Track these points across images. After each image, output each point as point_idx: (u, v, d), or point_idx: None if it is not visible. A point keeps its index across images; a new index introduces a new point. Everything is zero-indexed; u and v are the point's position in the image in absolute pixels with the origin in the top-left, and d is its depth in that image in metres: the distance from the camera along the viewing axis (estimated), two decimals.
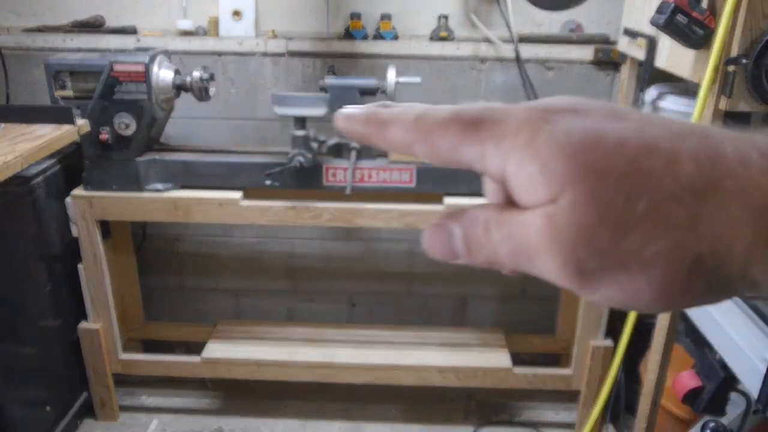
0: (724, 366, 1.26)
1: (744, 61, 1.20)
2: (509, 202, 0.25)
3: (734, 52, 1.21)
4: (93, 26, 2.05)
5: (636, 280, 0.22)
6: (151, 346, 2.32)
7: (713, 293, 0.23)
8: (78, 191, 1.82)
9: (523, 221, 0.24)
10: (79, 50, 2.03)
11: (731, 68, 1.22)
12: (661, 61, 1.53)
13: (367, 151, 1.79)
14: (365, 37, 2.02)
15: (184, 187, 1.84)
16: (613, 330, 1.88)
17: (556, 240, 0.22)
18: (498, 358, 2.03)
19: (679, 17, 1.25)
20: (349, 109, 0.28)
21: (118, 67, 1.69)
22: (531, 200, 0.23)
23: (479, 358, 2.03)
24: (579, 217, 0.22)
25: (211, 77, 1.78)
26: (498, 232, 0.25)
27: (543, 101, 0.25)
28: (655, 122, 0.23)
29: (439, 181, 1.78)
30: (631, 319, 1.58)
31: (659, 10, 1.29)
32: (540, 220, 0.23)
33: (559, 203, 0.22)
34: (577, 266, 0.22)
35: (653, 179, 0.22)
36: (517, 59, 1.97)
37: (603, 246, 0.22)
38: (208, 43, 2.04)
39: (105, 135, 1.73)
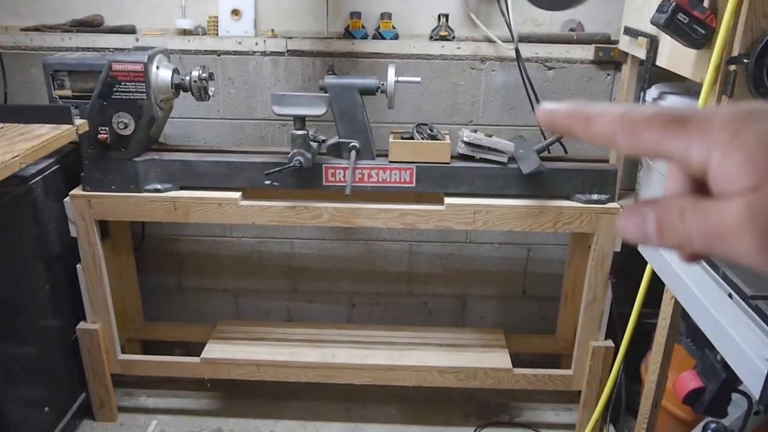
0: (725, 366, 1.26)
1: (745, 60, 1.19)
2: (698, 193, 0.29)
3: (735, 51, 1.21)
4: (92, 25, 2.05)
5: None
6: (151, 346, 2.32)
7: None
8: (77, 191, 1.81)
9: (721, 207, 0.26)
10: (77, 50, 2.03)
11: (732, 68, 1.22)
12: (662, 61, 1.52)
13: (366, 151, 1.78)
14: (365, 37, 2.02)
15: (183, 187, 1.83)
16: (614, 330, 1.88)
17: (755, 222, 0.25)
18: (498, 359, 2.02)
19: (680, 16, 1.25)
20: (550, 105, 0.32)
21: (116, 67, 1.69)
22: (732, 187, 0.26)
23: (479, 358, 2.03)
24: None
25: (211, 77, 1.77)
26: (694, 217, 0.28)
27: (744, 104, 0.28)
28: None
29: (439, 181, 1.78)
30: (633, 319, 1.58)
31: (660, 10, 1.29)
32: (740, 205, 0.25)
33: (761, 192, 0.25)
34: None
35: None
36: (518, 59, 1.97)
37: None
38: (207, 43, 2.04)
39: (104, 135, 1.73)
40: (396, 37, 2.02)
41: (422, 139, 1.78)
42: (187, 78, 1.75)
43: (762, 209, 0.25)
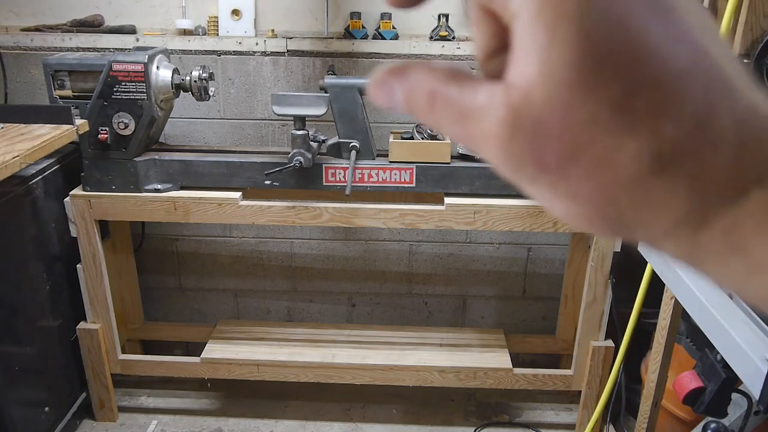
0: (725, 366, 1.26)
1: (745, 60, 1.19)
2: (489, 73, 0.23)
3: (735, 51, 1.21)
4: (92, 25, 2.05)
5: (556, 200, 0.22)
6: (151, 346, 2.32)
7: (620, 236, 0.23)
8: (77, 191, 1.81)
9: (479, 104, 0.21)
10: (78, 50, 2.03)
11: None
12: None
13: (366, 151, 1.78)
14: (365, 37, 2.02)
15: (183, 187, 1.83)
16: (614, 330, 1.88)
17: (508, 140, 0.21)
18: (498, 359, 2.02)
19: None
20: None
21: (117, 67, 1.69)
22: (514, 69, 0.20)
23: (479, 358, 2.03)
24: (544, 124, 0.20)
25: (211, 77, 1.77)
26: (446, 109, 0.22)
27: None
28: (705, 53, 0.20)
29: (439, 181, 1.78)
30: (633, 319, 1.58)
31: None
32: (503, 110, 0.20)
33: (533, 95, 0.20)
34: (516, 169, 0.21)
35: (632, 123, 0.19)
36: None
37: (548, 165, 0.21)
38: (207, 43, 2.04)
39: (104, 135, 1.73)
40: (396, 37, 2.02)
41: (422, 139, 1.78)
42: (188, 78, 1.75)
43: (522, 122, 0.20)
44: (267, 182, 1.79)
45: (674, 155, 0.20)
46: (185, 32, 2.04)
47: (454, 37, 2.02)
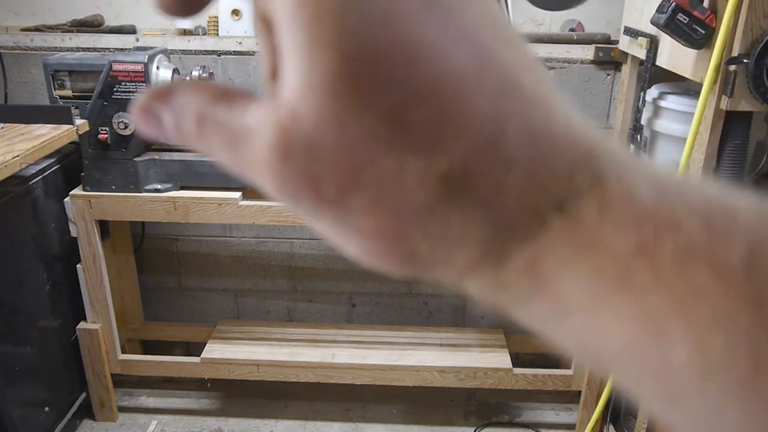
0: None
1: (745, 60, 1.19)
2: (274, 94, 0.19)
3: (735, 51, 1.21)
4: (92, 25, 2.05)
5: (345, 236, 0.19)
6: (151, 346, 2.32)
7: (418, 275, 0.20)
8: (77, 191, 1.81)
9: (249, 127, 0.18)
10: (78, 50, 2.03)
11: (732, 68, 1.22)
12: (662, 61, 1.52)
13: None
14: None
15: (183, 187, 1.83)
16: None
17: (279, 166, 0.17)
18: (498, 359, 2.02)
19: (680, 17, 1.25)
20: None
21: (117, 67, 1.69)
22: (281, 83, 0.17)
23: (479, 358, 2.03)
24: (316, 146, 0.17)
25: (211, 77, 1.77)
26: (216, 133, 0.19)
27: None
28: (492, 58, 0.17)
29: None
30: None
31: (660, 10, 1.29)
32: (271, 133, 0.17)
33: (300, 114, 0.17)
34: (294, 201, 0.18)
35: (412, 142, 0.17)
36: None
37: (326, 195, 0.18)
38: (207, 43, 2.04)
39: (104, 135, 1.73)
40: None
41: None
42: (188, 78, 1.75)
43: (292, 145, 0.17)
44: None
45: (463, 177, 0.17)
46: (185, 32, 2.04)
47: None
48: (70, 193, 1.81)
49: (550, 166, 0.17)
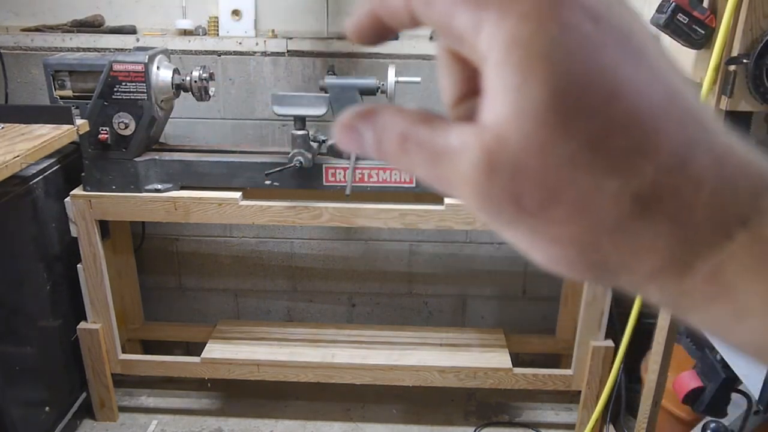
0: (725, 366, 1.26)
1: (745, 60, 1.19)
2: (458, 118, 0.22)
3: (735, 51, 1.21)
4: (92, 26, 2.05)
5: (536, 245, 0.21)
6: (151, 346, 2.32)
7: (601, 283, 0.22)
8: (77, 191, 1.81)
9: (453, 147, 0.20)
10: (78, 50, 2.03)
11: (732, 68, 1.22)
12: None
13: None
14: None
15: (183, 187, 1.83)
16: (614, 330, 1.88)
17: (484, 183, 0.20)
18: (498, 359, 2.03)
19: (680, 17, 1.25)
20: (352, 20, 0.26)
21: (117, 67, 1.69)
22: (486, 111, 0.20)
23: (479, 358, 2.03)
24: (521, 167, 0.19)
25: (211, 77, 1.78)
26: (417, 152, 0.21)
27: None
28: (677, 93, 0.20)
29: None
30: (632, 319, 1.58)
31: (659, 10, 1.29)
32: (477, 153, 0.20)
33: (508, 139, 0.19)
34: (493, 213, 0.21)
35: (610, 165, 0.19)
36: None
37: (526, 208, 0.20)
38: (207, 43, 2.04)
39: (104, 135, 1.73)
40: (396, 37, 2.01)
41: None
42: (188, 78, 1.75)
43: (498, 166, 0.19)
44: (267, 182, 1.79)
45: (654, 195, 0.19)
46: (185, 32, 2.04)
47: None
48: (71, 193, 1.81)
49: (736, 188, 0.20)
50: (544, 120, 0.19)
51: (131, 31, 2.05)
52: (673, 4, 1.24)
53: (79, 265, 1.88)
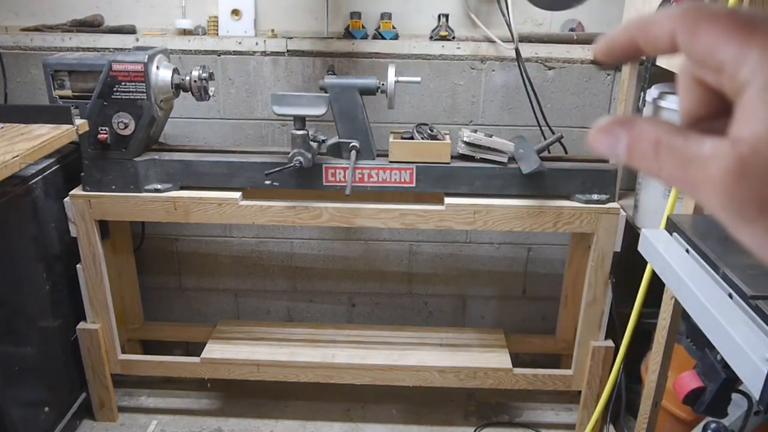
0: (725, 366, 1.25)
1: None
2: (696, 119, 0.26)
3: None
4: (92, 25, 2.05)
5: None
6: (150, 346, 2.32)
7: None
8: (77, 191, 1.81)
9: (706, 152, 0.24)
10: (77, 50, 2.03)
11: None
12: (662, 61, 1.52)
13: (366, 151, 1.78)
14: (365, 37, 2.02)
15: (183, 187, 1.83)
16: (614, 330, 1.88)
17: (735, 185, 0.23)
18: (498, 359, 2.02)
19: None
20: (606, 36, 0.29)
21: (116, 67, 1.69)
22: (742, 127, 0.23)
23: (479, 358, 2.03)
24: None
25: (211, 77, 1.77)
26: (669, 156, 0.25)
27: None
28: None
29: (439, 181, 1.78)
30: (633, 319, 1.58)
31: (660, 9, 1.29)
32: (732, 158, 0.23)
33: (762, 147, 0.22)
34: (738, 212, 0.23)
35: None
36: (518, 59, 1.97)
37: None
38: (207, 43, 2.04)
39: (104, 135, 1.73)
40: (396, 37, 2.02)
41: (422, 139, 1.78)
42: (187, 78, 1.75)
43: (750, 169, 0.23)
44: (267, 182, 1.79)
45: None
46: (185, 32, 2.04)
47: (454, 37, 2.02)
48: (70, 193, 1.81)
49: None
50: None
51: (131, 30, 2.05)
52: (674, 4, 1.24)
53: (78, 266, 1.88)
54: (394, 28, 2.01)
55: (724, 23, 0.24)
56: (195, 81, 1.74)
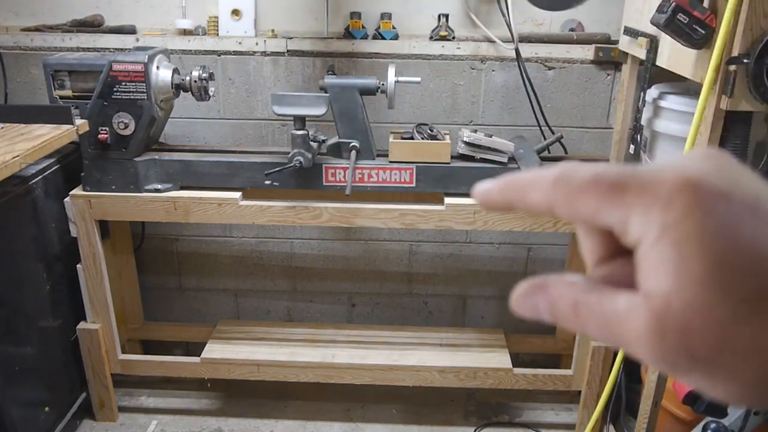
0: None
1: (745, 60, 1.19)
2: (604, 277, 0.27)
3: (735, 51, 1.21)
4: (92, 25, 2.05)
5: (716, 385, 0.24)
6: (151, 346, 2.32)
7: None
8: (77, 191, 1.81)
9: (622, 310, 0.24)
10: (77, 50, 2.03)
11: (732, 68, 1.22)
12: (662, 61, 1.52)
13: (366, 151, 1.78)
14: (365, 37, 2.02)
15: (183, 187, 1.83)
16: None
17: (657, 341, 0.23)
18: (498, 359, 2.02)
19: (680, 17, 1.25)
20: (483, 184, 0.29)
21: (117, 67, 1.69)
22: (648, 283, 0.23)
23: (479, 358, 2.03)
24: (688, 325, 0.22)
25: (211, 77, 1.77)
26: (590, 316, 0.25)
27: (695, 170, 0.24)
28: None
29: (439, 180, 1.78)
30: None
31: (660, 10, 1.29)
32: (646, 315, 0.23)
33: (673, 303, 0.22)
34: (670, 365, 0.23)
35: None
36: (518, 59, 1.97)
37: (700, 358, 0.23)
38: (207, 43, 2.04)
39: (104, 135, 1.73)
40: (396, 37, 2.02)
41: (422, 139, 1.78)
42: (188, 78, 1.75)
43: (668, 327, 0.23)
44: (267, 182, 1.79)
45: None
46: (185, 32, 2.04)
47: (453, 37, 2.02)
48: (70, 193, 1.81)
49: None
50: (705, 286, 0.22)
51: (131, 30, 2.05)
52: (674, 4, 1.24)
53: (78, 265, 1.88)
54: (394, 28, 2.01)
55: (594, 192, 0.25)
56: (195, 81, 1.75)
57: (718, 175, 0.24)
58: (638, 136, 1.68)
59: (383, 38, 2.01)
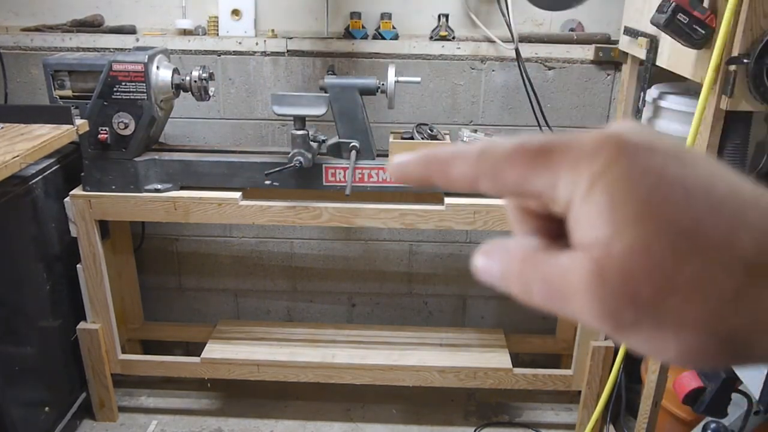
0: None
1: (745, 60, 1.19)
2: (549, 240, 0.26)
3: (735, 51, 1.21)
4: (92, 25, 2.05)
5: (666, 338, 0.22)
6: (151, 346, 2.32)
7: (737, 360, 0.23)
8: (77, 191, 1.81)
9: (564, 265, 0.24)
10: (77, 50, 2.03)
11: (732, 68, 1.22)
12: (663, 61, 1.52)
13: (366, 151, 1.78)
14: (365, 37, 2.02)
15: (183, 187, 1.83)
16: None
17: (599, 289, 0.22)
18: (498, 359, 2.02)
19: (680, 17, 1.25)
20: (400, 157, 0.28)
21: (117, 67, 1.69)
22: (585, 236, 0.23)
23: (479, 358, 2.03)
24: (630, 267, 0.22)
25: (211, 77, 1.77)
26: (533, 273, 0.25)
27: (616, 128, 0.24)
28: (722, 179, 0.23)
29: None
30: None
31: (660, 10, 1.29)
32: (587, 264, 0.22)
33: (612, 248, 0.22)
34: (614, 317, 0.22)
35: (710, 244, 0.22)
36: (518, 59, 1.97)
37: (645, 302, 0.22)
38: (207, 43, 2.04)
39: (104, 135, 1.73)
40: (396, 37, 2.02)
41: (422, 139, 1.78)
42: (188, 78, 1.75)
43: (609, 272, 0.22)
44: (267, 182, 1.79)
45: (762, 257, 0.21)
46: (185, 32, 2.04)
47: (454, 37, 2.02)
48: (70, 193, 1.81)
49: None
50: (641, 225, 0.22)
51: (131, 30, 2.05)
52: (674, 4, 1.24)
53: (78, 265, 1.88)
54: (394, 28, 2.01)
55: (520, 160, 0.24)
56: (195, 81, 1.75)
57: (638, 131, 0.24)
58: None
59: (383, 38, 2.01)
